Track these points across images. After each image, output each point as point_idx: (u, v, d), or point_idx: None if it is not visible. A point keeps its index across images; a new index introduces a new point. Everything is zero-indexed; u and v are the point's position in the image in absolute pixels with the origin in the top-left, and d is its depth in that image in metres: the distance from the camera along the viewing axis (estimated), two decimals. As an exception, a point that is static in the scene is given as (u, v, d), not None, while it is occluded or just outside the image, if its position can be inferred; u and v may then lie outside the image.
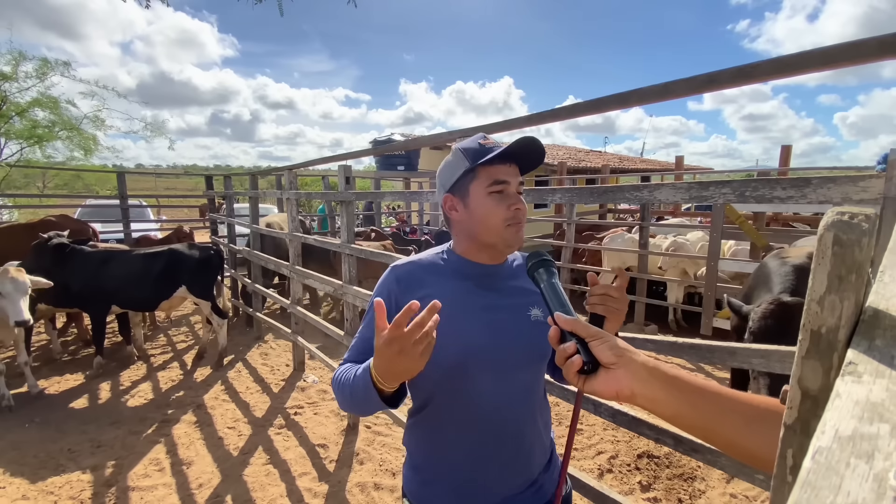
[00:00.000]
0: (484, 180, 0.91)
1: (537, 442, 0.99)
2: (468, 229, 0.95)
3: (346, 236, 3.03)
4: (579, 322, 0.59)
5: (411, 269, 0.98)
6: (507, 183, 0.92)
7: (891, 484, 0.18)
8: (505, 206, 0.91)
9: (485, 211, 0.91)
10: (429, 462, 0.98)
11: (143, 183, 26.08)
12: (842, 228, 0.29)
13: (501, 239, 0.93)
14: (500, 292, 0.96)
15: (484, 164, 0.90)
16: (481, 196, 0.91)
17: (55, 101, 9.78)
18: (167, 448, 2.96)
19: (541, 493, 0.99)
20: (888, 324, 0.32)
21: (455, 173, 0.94)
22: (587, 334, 0.57)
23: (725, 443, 0.51)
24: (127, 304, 4.12)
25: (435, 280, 0.95)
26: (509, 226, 0.92)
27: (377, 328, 0.71)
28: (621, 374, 0.53)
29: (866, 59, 1.05)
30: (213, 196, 7.28)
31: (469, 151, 0.92)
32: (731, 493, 2.51)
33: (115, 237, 6.84)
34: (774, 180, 1.18)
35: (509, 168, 0.93)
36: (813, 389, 0.31)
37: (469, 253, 0.98)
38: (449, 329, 0.89)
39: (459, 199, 0.95)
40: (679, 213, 8.18)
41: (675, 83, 1.22)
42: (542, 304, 0.97)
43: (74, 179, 16.99)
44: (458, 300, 0.92)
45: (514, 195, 0.93)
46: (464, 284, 0.95)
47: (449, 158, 0.97)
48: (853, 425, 0.21)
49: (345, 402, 0.88)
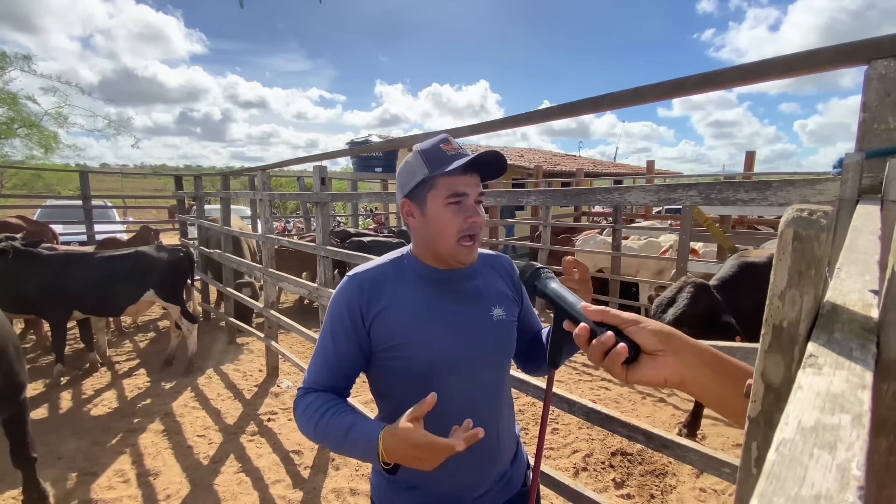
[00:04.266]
0: (442, 191, 0.88)
1: (505, 435, 1.02)
2: (424, 237, 0.93)
3: (322, 238, 2.99)
4: (609, 311, 0.55)
5: (372, 277, 0.94)
6: (465, 195, 0.89)
7: (854, 474, 0.18)
8: (462, 217, 0.88)
9: (440, 222, 0.88)
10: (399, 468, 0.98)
11: (109, 183, 25.09)
12: (801, 224, 0.30)
13: (452, 255, 0.90)
14: (462, 295, 0.96)
15: (443, 173, 0.87)
16: (438, 206, 0.88)
17: (14, 96, 9.33)
18: (133, 458, 2.84)
19: (510, 485, 1.03)
20: (846, 318, 0.33)
21: (413, 178, 0.90)
22: (621, 321, 0.52)
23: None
24: (91, 310, 3.94)
25: (397, 287, 0.93)
26: (462, 241, 0.89)
27: (413, 417, 0.74)
28: (670, 361, 0.50)
29: (824, 67, 1.10)
30: (183, 197, 7.06)
31: (428, 156, 0.88)
32: (701, 486, 2.58)
33: (77, 239, 6.55)
34: (738, 183, 1.22)
35: (469, 178, 0.89)
36: (776, 382, 0.32)
37: (426, 259, 0.96)
38: (416, 337, 0.90)
39: (417, 206, 0.91)
40: (650, 216, 8.40)
41: (644, 88, 1.25)
42: (503, 303, 0.99)
43: (34, 179, 16.23)
44: (423, 307, 0.92)
45: (472, 207, 0.90)
46: (426, 291, 0.93)
47: (409, 159, 0.92)
48: (815, 416, 0.22)
49: (320, 440, 0.86)
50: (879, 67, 1.01)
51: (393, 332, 0.90)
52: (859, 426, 0.21)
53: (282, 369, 4.23)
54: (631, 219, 8.36)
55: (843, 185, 1.04)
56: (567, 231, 7.11)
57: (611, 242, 5.61)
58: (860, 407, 0.22)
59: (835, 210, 1.06)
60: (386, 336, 0.90)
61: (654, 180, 8.78)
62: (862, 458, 0.19)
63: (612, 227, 5.61)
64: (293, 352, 4.11)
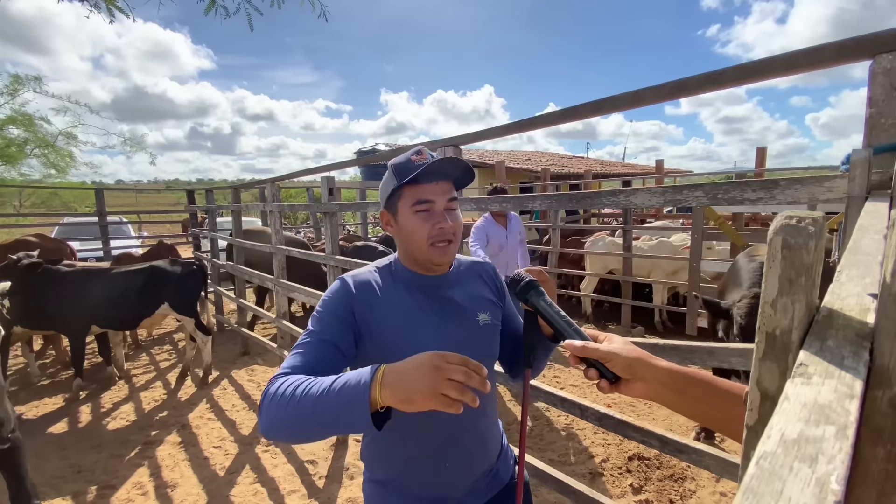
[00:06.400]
0: (409, 199, 0.92)
1: (490, 433, 1.04)
2: (401, 244, 0.98)
3: (331, 248, 3.01)
4: (588, 348, 0.66)
5: (365, 280, 0.96)
6: (431, 202, 0.92)
7: (832, 488, 0.18)
8: (430, 224, 0.91)
9: (410, 228, 0.93)
10: (392, 472, 0.99)
11: (124, 199, 25.62)
12: (790, 232, 0.30)
13: (426, 258, 0.94)
14: (448, 301, 0.99)
15: (409, 183, 0.91)
16: (407, 214, 0.93)
17: (30, 118, 9.60)
18: (151, 471, 2.88)
19: (497, 480, 1.06)
20: (841, 324, 0.33)
21: (387, 190, 0.95)
22: (598, 357, 0.65)
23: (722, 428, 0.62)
24: (107, 324, 4.02)
25: (386, 291, 0.96)
26: (433, 245, 0.92)
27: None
28: (638, 386, 0.63)
29: (827, 63, 1.09)
30: (196, 211, 7.18)
31: (398, 168, 0.93)
32: (721, 491, 2.52)
33: (94, 255, 6.69)
34: (745, 183, 1.21)
35: (436, 186, 0.92)
36: (771, 391, 0.32)
37: (410, 265, 0.99)
38: (404, 342, 0.91)
39: (392, 215, 0.97)
40: (661, 216, 8.31)
41: (646, 91, 1.24)
42: (488, 308, 1.03)
43: (52, 197, 16.64)
44: (411, 312, 0.94)
45: (440, 213, 0.92)
46: (413, 297, 0.96)
47: (386, 174, 0.98)
48: (799, 428, 0.22)
49: (293, 413, 0.71)
50: (884, 62, 1.00)
51: (381, 334, 0.92)
52: (843, 438, 0.21)
53: (295, 379, 4.25)
54: (642, 219, 8.27)
55: (852, 181, 1.02)
56: (576, 233, 7.06)
57: (621, 244, 5.55)
58: (846, 418, 0.22)
59: (844, 208, 1.05)
60: (375, 336, 0.91)
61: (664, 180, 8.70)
62: (843, 472, 0.19)
63: (623, 227, 5.56)
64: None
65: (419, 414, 0.80)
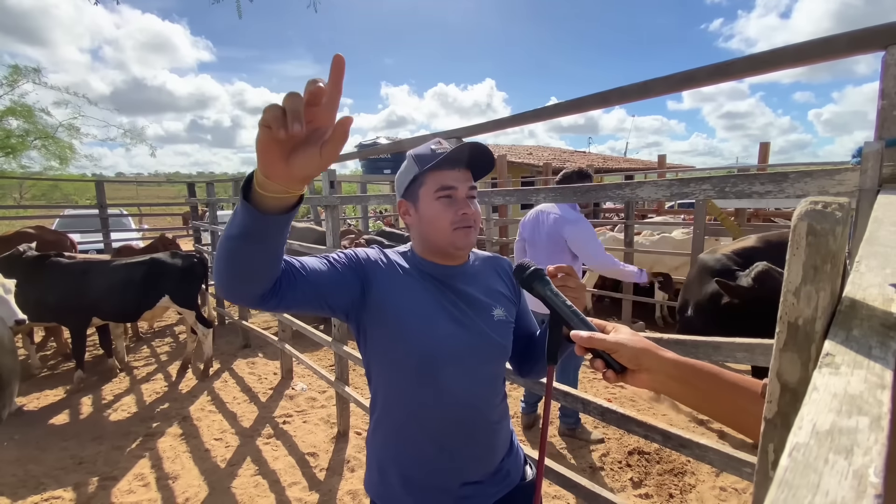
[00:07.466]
0: (431, 186, 0.93)
1: (500, 429, 1.03)
2: (421, 233, 0.98)
3: (332, 241, 3.00)
4: (595, 338, 0.65)
5: (393, 256, 1.00)
6: (454, 188, 0.93)
7: (871, 481, 0.17)
8: (452, 210, 0.92)
9: (433, 215, 0.93)
10: (398, 461, 0.98)
11: (125, 192, 25.59)
12: (815, 218, 0.29)
13: (449, 242, 0.94)
14: (463, 294, 0.98)
15: (431, 169, 0.92)
16: (429, 201, 0.93)
17: (30, 109, 9.56)
18: (152, 462, 2.89)
19: (508, 479, 1.04)
20: (865, 314, 0.32)
21: (407, 178, 0.96)
22: (605, 348, 0.65)
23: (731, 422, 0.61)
24: (108, 316, 4.02)
25: (407, 273, 0.97)
26: (456, 229, 0.93)
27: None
28: (643, 377, 0.63)
29: (838, 54, 1.07)
30: (196, 203, 7.16)
31: (419, 157, 0.94)
32: (721, 486, 2.53)
33: (94, 247, 6.69)
34: (753, 175, 1.19)
35: (458, 173, 0.94)
36: (792, 382, 0.31)
37: (426, 255, 1.00)
38: (418, 330, 0.91)
39: (411, 203, 0.97)
40: (663, 211, 8.29)
41: (654, 81, 1.23)
42: (503, 304, 1.02)
43: (52, 189, 16.61)
44: (426, 301, 0.94)
45: (463, 200, 0.94)
46: (429, 286, 0.96)
47: (404, 164, 0.98)
48: (831, 419, 0.21)
49: (219, 252, 0.70)
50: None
51: (395, 311, 0.91)
52: (878, 429, 0.20)
53: (296, 372, 4.26)
54: (643, 214, 8.25)
55: (863, 174, 1.00)
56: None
57: (623, 239, 5.54)
58: (879, 409, 0.21)
59: (855, 200, 1.03)
60: (383, 300, 0.91)
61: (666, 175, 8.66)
62: (880, 464, 0.18)
63: (624, 223, 5.54)
64: (307, 354, 4.14)
65: (426, 410, 0.79)
